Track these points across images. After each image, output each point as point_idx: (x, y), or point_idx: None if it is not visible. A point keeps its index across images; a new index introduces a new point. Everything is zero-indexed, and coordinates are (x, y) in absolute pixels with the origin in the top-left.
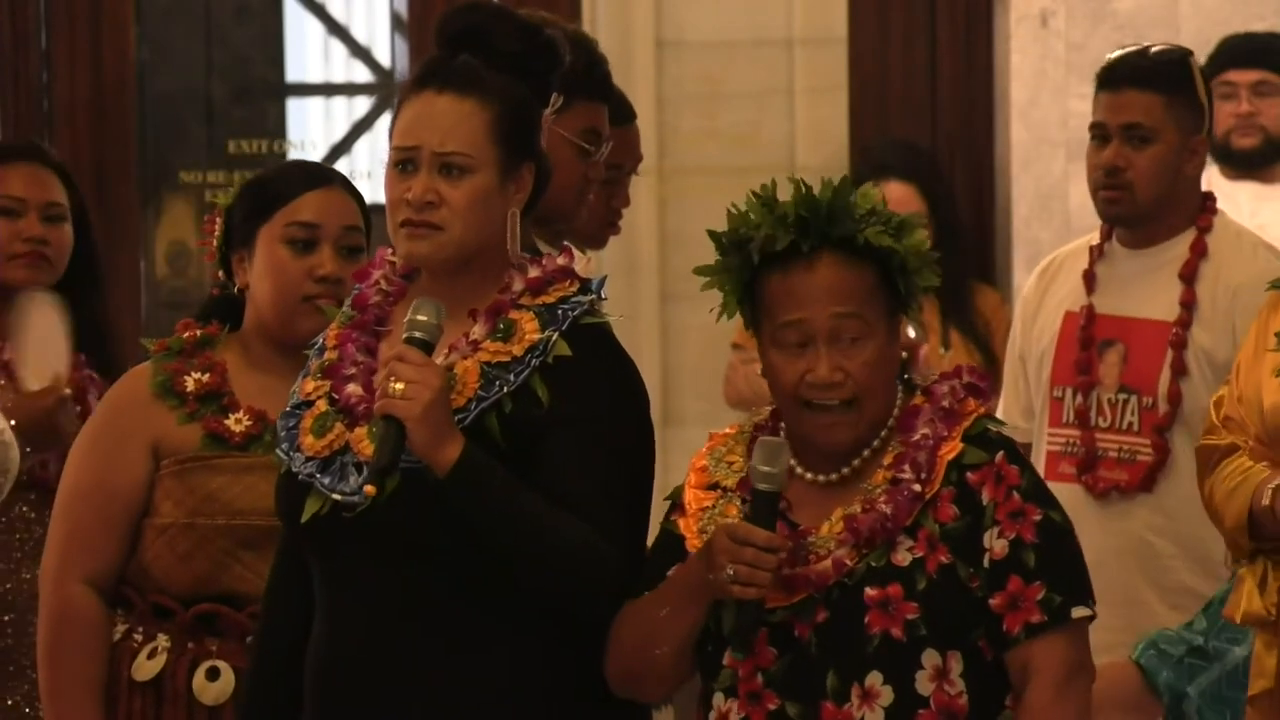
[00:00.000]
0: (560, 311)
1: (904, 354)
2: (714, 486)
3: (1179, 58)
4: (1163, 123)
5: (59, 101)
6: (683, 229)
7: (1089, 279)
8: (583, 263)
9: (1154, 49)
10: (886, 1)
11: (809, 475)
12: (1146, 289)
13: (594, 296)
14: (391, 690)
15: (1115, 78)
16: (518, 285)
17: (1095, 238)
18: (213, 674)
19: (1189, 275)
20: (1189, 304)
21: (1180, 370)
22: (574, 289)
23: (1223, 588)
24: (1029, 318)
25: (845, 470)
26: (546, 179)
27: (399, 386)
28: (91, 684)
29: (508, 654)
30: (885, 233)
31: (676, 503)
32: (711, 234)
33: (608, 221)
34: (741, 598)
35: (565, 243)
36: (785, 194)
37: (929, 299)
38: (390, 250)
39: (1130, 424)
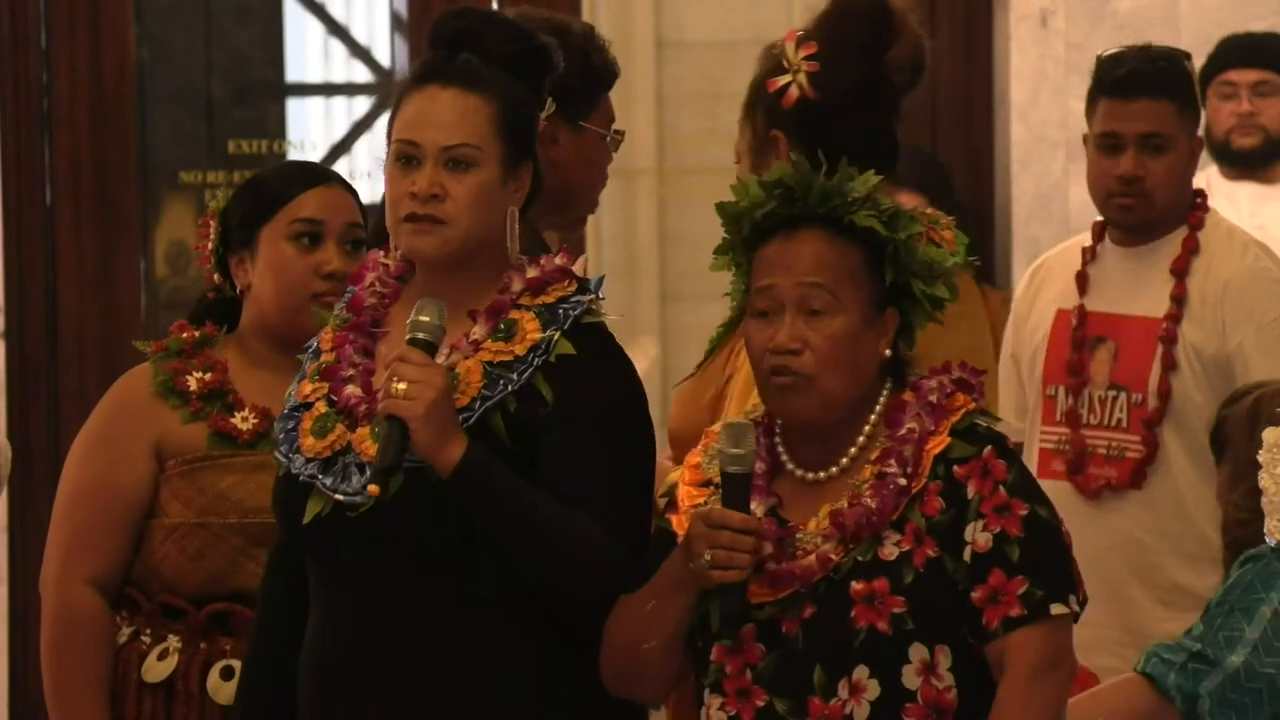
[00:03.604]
0: (561, 311)
1: (887, 352)
2: (708, 484)
3: (1183, 62)
4: (1177, 130)
5: (59, 101)
6: (683, 229)
7: (1082, 280)
8: (580, 263)
9: (1153, 53)
10: None
11: (799, 472)
12: (1138, 286)
13: (594, 296)
14: (390, 689)
15: (1127, 86)
16: (517, 285)
17: (1087, 239)
18: (227, 673)
19: (1180, 271)
20: (1179, 298)
21: (1170, 365)
22: (572, 289)
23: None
24: (1021, 318)
25: (834, 469)
26: (540, 181)
27: (401, 386)
28: (97, 686)
29: (507, 653)
30: (875, 218)
31: (670, 500)
32: (718, 206)
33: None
34: (722, 581)
35: (564, 242)
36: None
37: None
38: (383, 252)
39: (1119, 420)
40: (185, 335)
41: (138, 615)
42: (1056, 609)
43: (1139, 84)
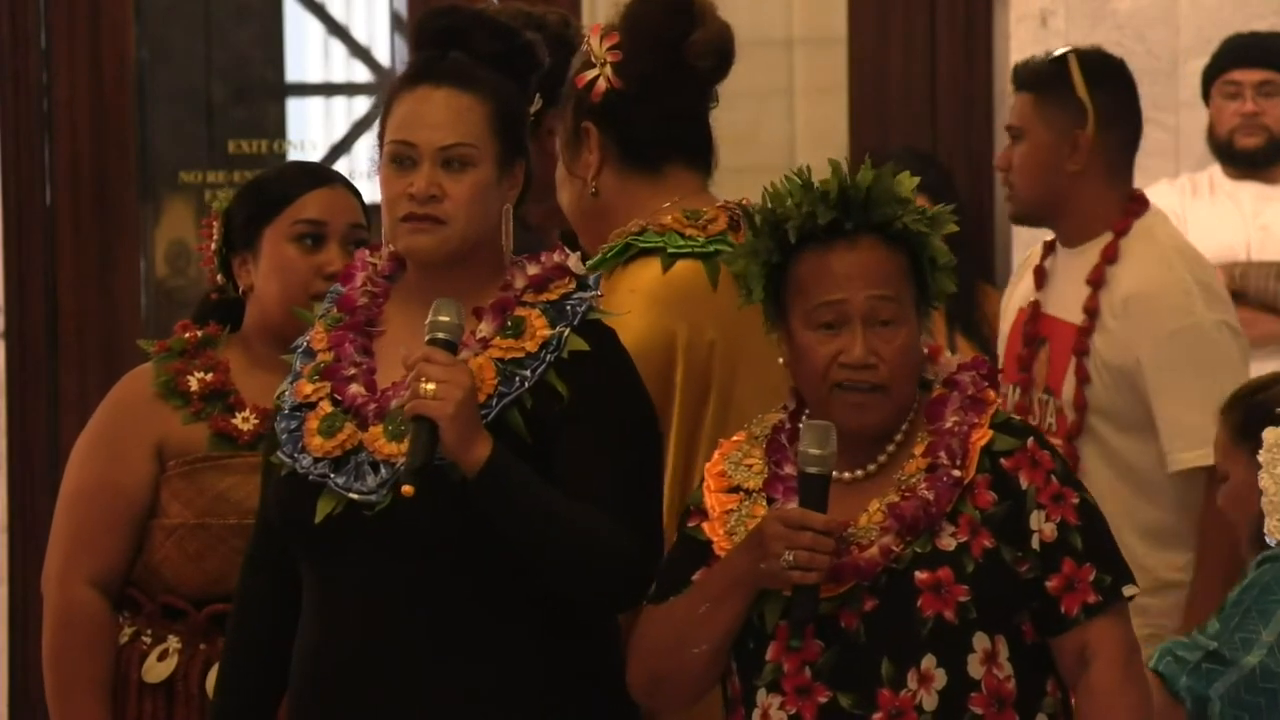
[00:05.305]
0: (568, 307)
1: (925, 351)
2: (736, 489)
3: (1057, 57)
4: (1031, 121)
5: (59, 101)
6: None
7: (1039, 274)
8: (574, 260)
9: (1055, 52)
10: (886, 2)
11: (835, 472)
12: (1067, 289)
13: (596, 293)
14: (392, 691)
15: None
16: (520, 282)
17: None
18: None
19: (1095, 280)
20: (1091, 310)
21: (1084, 377)
22: (572, 285)
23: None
24: (1005, 316)
25: (872, 466)
26: (531, 178)
27: (430, 387)
28: (97, 686)
29: (514, 653)
30: (921, 222)
31: (696, 509)
32: (745, 212)
33: None
34: (801, 583)
35: (559, 239)
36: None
37: None
38: (369, 251)
39: (1050, 425)
40: (188, 335)
41: (139, 616)
42: (1128, 590)
43: (1013, 79)
